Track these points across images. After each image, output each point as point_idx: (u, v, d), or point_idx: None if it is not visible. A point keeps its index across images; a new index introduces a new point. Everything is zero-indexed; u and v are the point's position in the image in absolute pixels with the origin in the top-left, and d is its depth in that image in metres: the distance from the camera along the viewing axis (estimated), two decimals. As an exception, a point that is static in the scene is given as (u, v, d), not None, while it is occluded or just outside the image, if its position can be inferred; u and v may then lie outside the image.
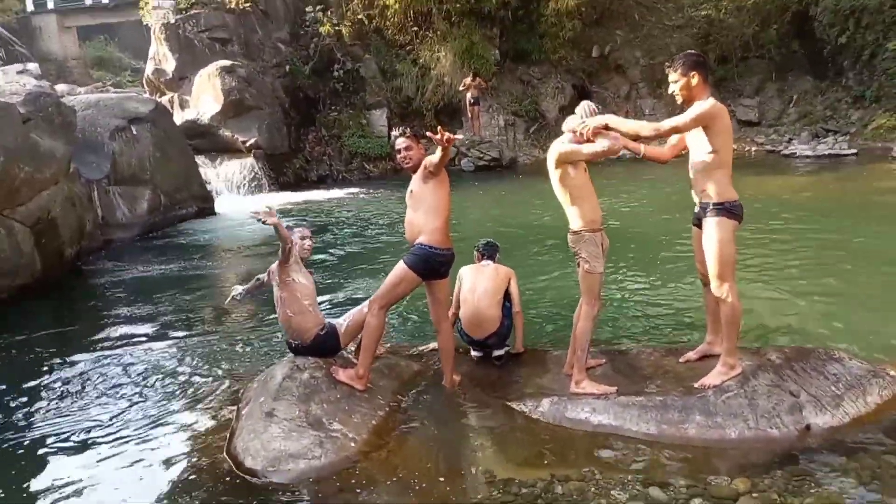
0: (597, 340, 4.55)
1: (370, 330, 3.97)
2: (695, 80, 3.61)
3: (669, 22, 19.90)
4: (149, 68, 16.62)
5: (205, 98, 15.28)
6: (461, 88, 16.64)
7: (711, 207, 3.66)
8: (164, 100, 16.04)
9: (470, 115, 17.13)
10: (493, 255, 4.84)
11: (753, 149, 17.25)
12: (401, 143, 3.95)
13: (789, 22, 18.01)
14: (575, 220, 3.91)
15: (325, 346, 4.24)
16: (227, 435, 3.76)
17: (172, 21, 16.17)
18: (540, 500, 3.11)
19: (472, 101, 16.61)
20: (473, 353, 4.74)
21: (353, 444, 3.51)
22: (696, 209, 3.82)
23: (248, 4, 16.75)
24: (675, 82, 3.67)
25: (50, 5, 32.47)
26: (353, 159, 17.39)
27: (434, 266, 3.94)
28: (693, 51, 4.01)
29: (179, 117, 15.48)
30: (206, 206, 12.32)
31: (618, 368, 4.19)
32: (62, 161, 8.45)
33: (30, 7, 32.39)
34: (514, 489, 3.21)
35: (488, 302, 4.52)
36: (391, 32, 18.39)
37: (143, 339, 5.85)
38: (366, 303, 4.17)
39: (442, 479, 3.33)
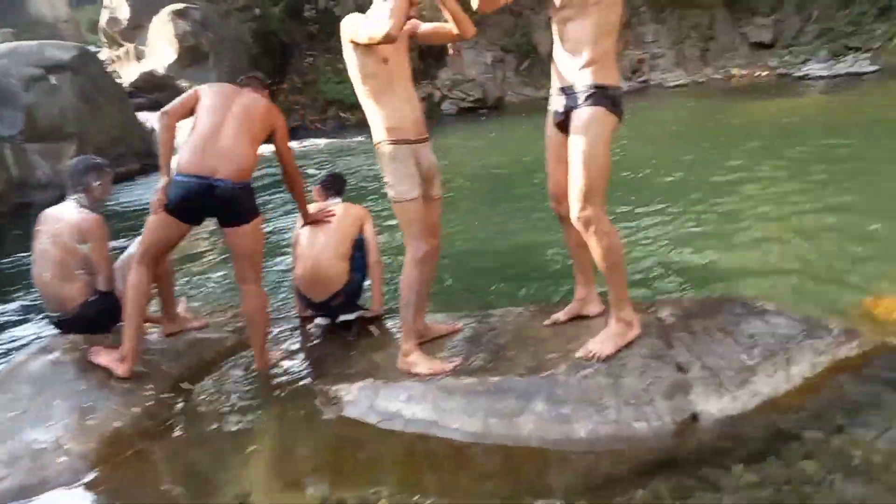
0: (452, 298, 3.51)
1: (129, 292, 2.99)
2: None
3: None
4: (103, 18, 15.58)
5: (160, 47, 14.24)
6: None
7: (589, 92, 2.54)
8: (122, 51, 15.07)
9: (451, 52, 15.77)
10: (341, 191, 3.81)
11: (764, 73, 15.60)
12: None
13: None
14: (375, 130, 2.83)
15: (97, 315, 3.27)
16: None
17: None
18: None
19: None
20: (318, 319, 3.75)
21: (62, 460, 2.55)
22: (558, 100, 2.68)
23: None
24: None
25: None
26: (328, 108, 16.23)
27: (185, 203, 2.93)
28: None
29: (137, 70, 14.53)
30: (150, 163, 11.34)
31: (479, 335, 3.14)
32: (-53, 116, 7.58)
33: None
34: (259, 523, 2.24)
35: (332, 253, 3.52)
36: (365, -34, 17.05)
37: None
38: None
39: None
